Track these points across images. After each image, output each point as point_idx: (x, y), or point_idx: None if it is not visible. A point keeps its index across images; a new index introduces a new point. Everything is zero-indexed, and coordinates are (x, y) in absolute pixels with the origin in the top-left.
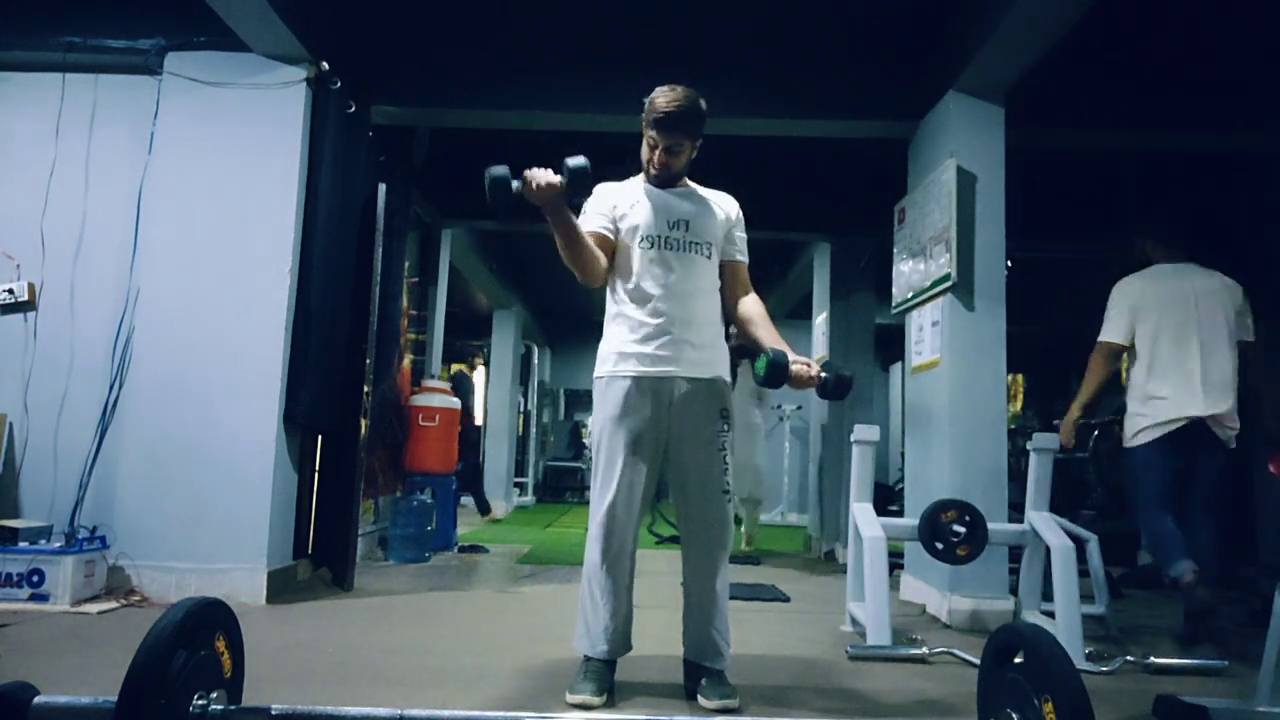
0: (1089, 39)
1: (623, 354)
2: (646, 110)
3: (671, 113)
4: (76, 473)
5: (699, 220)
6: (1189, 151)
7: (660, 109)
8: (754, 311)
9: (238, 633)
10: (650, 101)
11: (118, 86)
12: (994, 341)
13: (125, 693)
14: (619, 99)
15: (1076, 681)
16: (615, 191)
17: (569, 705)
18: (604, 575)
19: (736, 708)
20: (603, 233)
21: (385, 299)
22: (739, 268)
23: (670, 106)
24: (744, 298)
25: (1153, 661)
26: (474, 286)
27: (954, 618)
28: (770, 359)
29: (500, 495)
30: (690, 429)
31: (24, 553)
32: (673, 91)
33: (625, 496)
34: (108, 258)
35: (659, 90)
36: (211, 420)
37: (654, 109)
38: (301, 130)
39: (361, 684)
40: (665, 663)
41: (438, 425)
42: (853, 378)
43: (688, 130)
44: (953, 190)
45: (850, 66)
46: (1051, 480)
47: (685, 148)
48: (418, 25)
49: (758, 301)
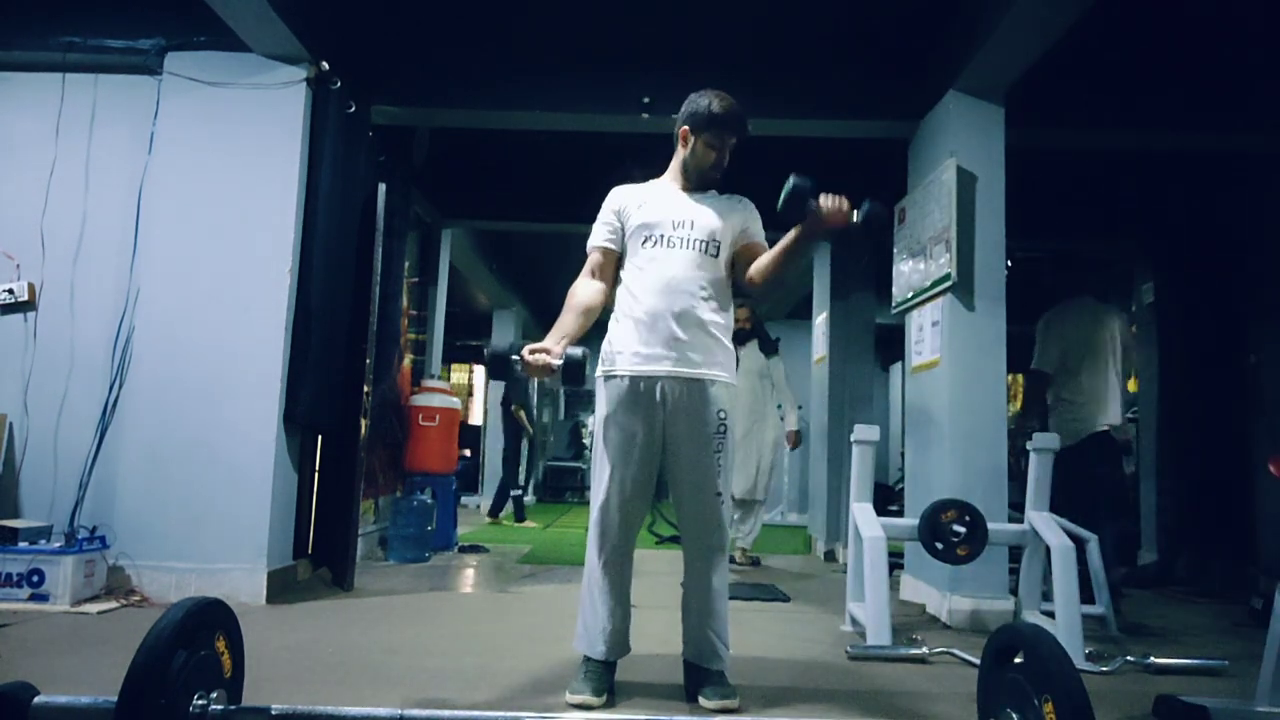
0: (1089, 39)
1: (620, 352)
2: (697, 113)
3: (730, 113)
4: (76, 473)
5: (705, 218)
6: (1189, 151)
7: (719, 111)
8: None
9: (238, 633)
10: (704, 108)
11: (118, 86)
12: (994, 341)
13: (125, 693)
14: (619, 99)
15: (1076, 681)
16: (628, 194)
17: (569, 705)
18: (602, 576)
19: (736, 708)
20: (605, 246)
21: (385, 299)
22: (755, 246)
23: (728, 107)
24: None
25: (1153, 661)
26: (474, 286)
27: (954, 618)
28: (792, 183)
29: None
30: (685, 429)
31: (24, 553)
32: (722, 96)
33: (621, 496)
34: (108, 258)
35: (707, 96)
36: (211, 420)
37: (711, 113)
38: (301, 130)
39: (361, 684)
40: (665, 663)
41: (438, 425)
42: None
43: (740, 131)
44: (953, 190)
45: (850, 66)
46: (1051, 480)
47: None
48: (418, 25)
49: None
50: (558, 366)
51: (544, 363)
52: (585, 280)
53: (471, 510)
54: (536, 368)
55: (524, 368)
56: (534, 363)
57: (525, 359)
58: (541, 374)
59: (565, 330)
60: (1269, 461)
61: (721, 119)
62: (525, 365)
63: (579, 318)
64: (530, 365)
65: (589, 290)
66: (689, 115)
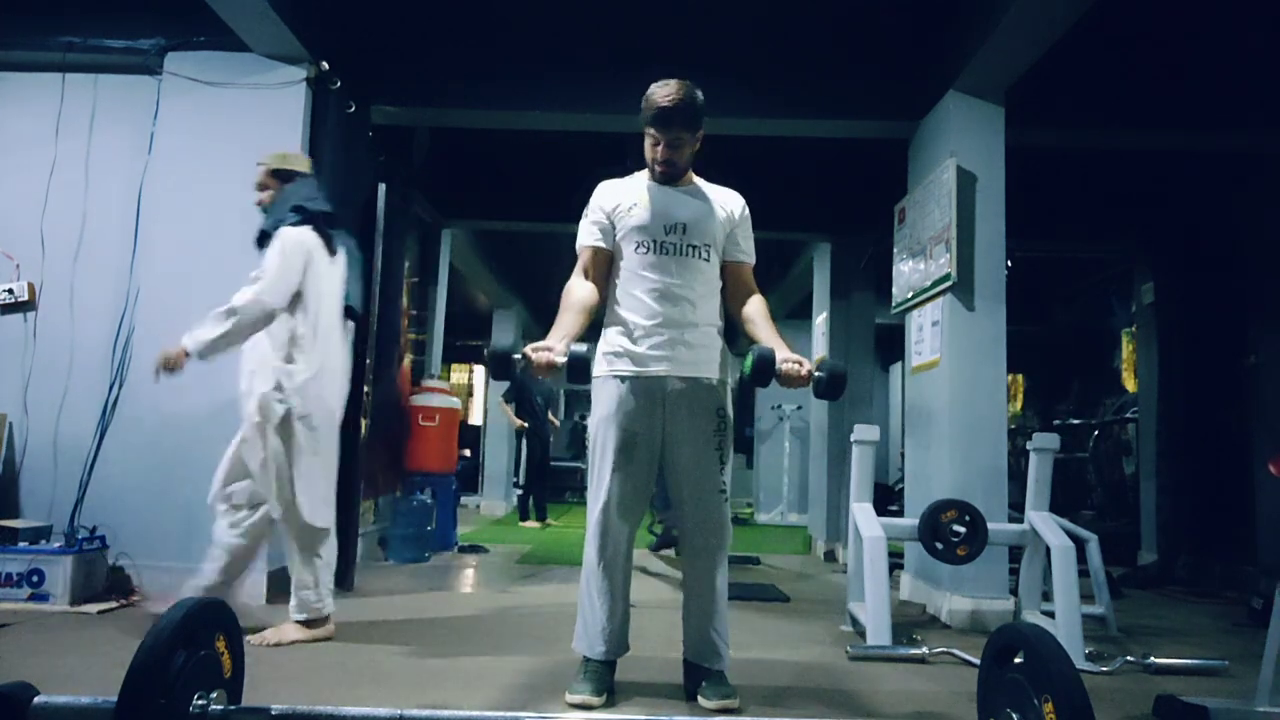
0: (1089, 39)
1: (617, 354)
2: (644, 107)
3: (670, 106)
4: (76, 473)
5: (698, 223)
6: (1189, 151)
7: (658, 104)
8: (753, 311)
9: (238, 633)
10: (647, 98)
11: (118, 86)
12: (994, 341)
13: (125, 693)
14: (619, 99)
15: (1076, 681)
16: (616, 190)
17: (569, 705)
18: (600, 575)
19: (736, 708)
20: (596, 245)
21: (385, 299)
22: (741, 269)
23: (668, 100)
24: (747, 298)
25: (1153, 661)
26: (474, 286)
27: (954, 618)
28: (756, 355)
29: (500, 495)
30: (684, 429)
31: (24, 553)
32: (669, 86)
33: (619, 497)
34: (108, 258)
35: (655, 86)
36: (211, 419)
37: (651, 105)
38: (301, 130)
39: (361, 684)
40: (665, 663)
41: (438, 425)
42: (845, 374)
43: (687, 123)
44: (953, 190)
45: (850, 66)
46: (1051, 480)
47: (686, 141)
48: (417, 25)
49: (760, 301)
50: (562, 364)
51: (548, 360)
52: (579, 280)
53: (471, 510)
54: (541, 365)
55: (528, 366)
56: (538, 360)
57: (530, 357)
58: (546, 372)
59: (567, 328)
60: (1269, 461)
61: (656, 114)
62: (529, 363)
63: (578, 316)
64: (535, 363)
65: (584, 289)
66: (642, 108)
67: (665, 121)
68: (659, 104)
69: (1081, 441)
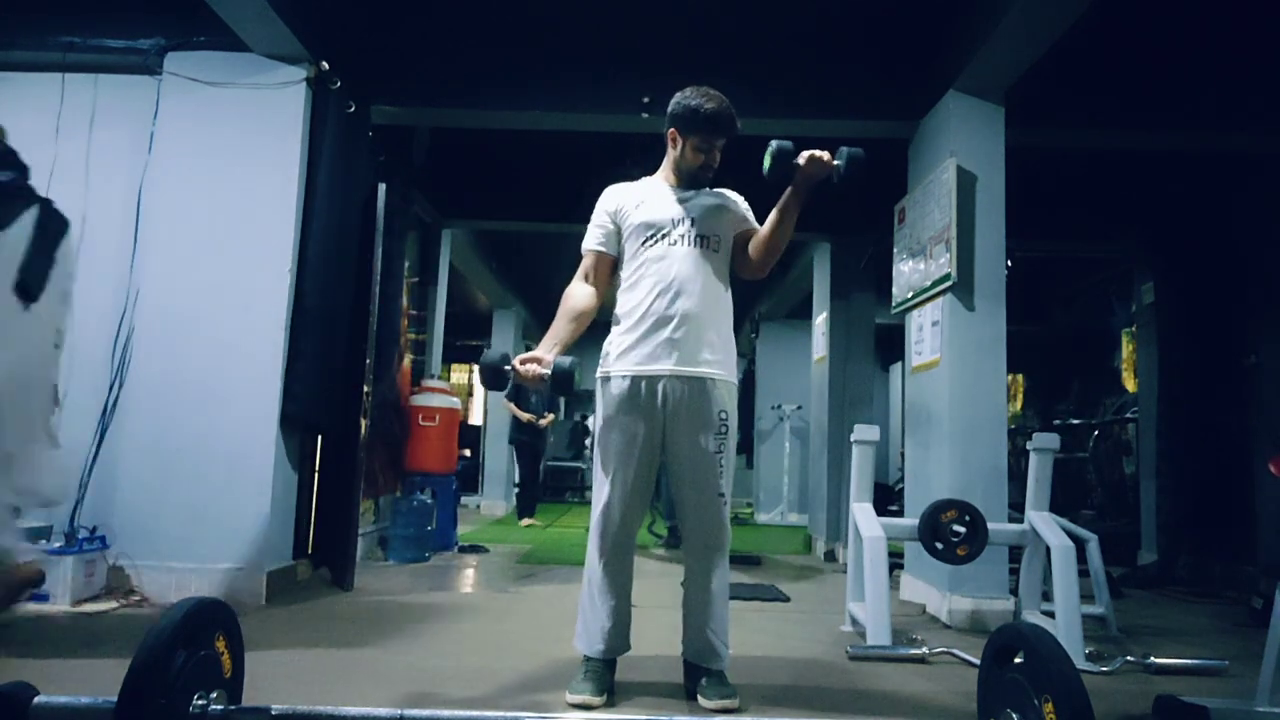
0: (1089, 39)
1: (620, 352)
2: (684, 115)
3: (719, 113)
4: (76, 473)
5: (705, 216)
6: (1189, 151)
7: (708, 111)
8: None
9: (238, 633)
10: (687, 107)
11: (117, 86)
12: (994, 341)
13: (125, 693)
14: (619, 99)
15: (1076, 681)
16: (622, 193)
17: (569, 705)
18: (601, 575)
19: (736, 708)
20: (598, 249)
21: (385, 299)
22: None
23: (716, 107)
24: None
25: (1153, 661)
26: (474, 286)
27: (954, 618)
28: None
29: (500, 495)
30: (685, 429)
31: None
32: (708, 94)
33: (620, 496)
34: (108, 258)
35: (691, 95)
36: (211, 420)
37: (698, 114)
38: (301, 130)
39: (361, 684)
40: (665, 663)
41: (438, 425)
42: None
43: (730, 129)
44: (953, 190)
45: (850, 66)
46: (1051, 480)
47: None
48: (417, 25)
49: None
50: (547, 376)
51: (535, 373)
52: (578, 284)
53: (471, 510)
54: (529, 377)
55: (517, 377)
56: (526, 373)
57: (517, 369)
58: (534, 383)
59: (558, 337)
60: (1269, 461)
61: (709, 122)
62: (518, 375)
63: (570, 324)
64: (522, 375)
65: (581, 294)
66: (676, 117)
67: (713, 129)
68: (710, 112)
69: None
